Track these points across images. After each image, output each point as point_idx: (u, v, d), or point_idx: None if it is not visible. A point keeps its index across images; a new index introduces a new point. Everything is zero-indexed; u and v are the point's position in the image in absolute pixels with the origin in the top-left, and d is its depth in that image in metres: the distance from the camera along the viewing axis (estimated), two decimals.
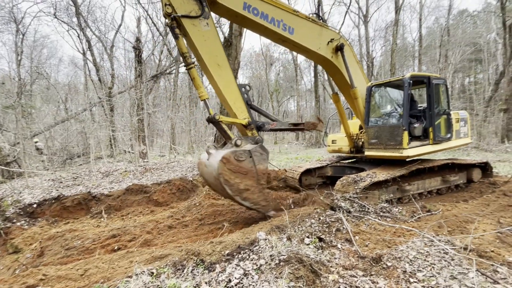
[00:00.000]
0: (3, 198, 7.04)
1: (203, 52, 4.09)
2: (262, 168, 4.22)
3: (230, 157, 3.97)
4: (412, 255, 2.83)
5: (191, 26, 3.97)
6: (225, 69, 4.26)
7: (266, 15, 4.59)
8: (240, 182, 4.07)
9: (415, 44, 29.24)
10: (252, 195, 4.18)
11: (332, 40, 5.38)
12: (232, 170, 3.99)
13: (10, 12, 19.99)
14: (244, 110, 4.49)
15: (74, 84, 29.92)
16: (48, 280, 2.62)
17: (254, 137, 4.47)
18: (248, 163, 4.11)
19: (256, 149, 4.18)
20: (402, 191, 5.53)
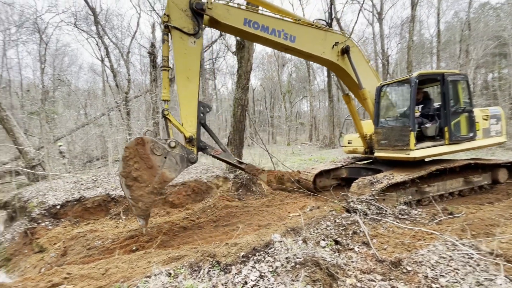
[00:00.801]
0: (29, 199, 7.42)
1: (179, 63, 4.28)
2: (166, 174, 3.99)
3: (147, 142, 3.85)
4: (434, 260, 2.72)
5: (179, 38, 4.21)
6: (192, 84, 4.36)
7: (267, 27, 4.74)
8: (137, 169, 3.83)
9: (433, 40, 28.23)
10: (138, 189, 3.89)
11: (337, 43, 5.39)
12: (139, 154, 3.83)
13: (34, 23, 21.13)
14: (193, 126, 4.44)
15: (93, 90, 31.16)
16: (72, 279, 2.74)
17: (190, 152, 4.34)
18: (158, 161, 3.92)
19: (175, 155, 4.03)
20: (421, 193, 5.34)
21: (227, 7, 4.56)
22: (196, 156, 4.43)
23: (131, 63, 24.18)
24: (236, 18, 4.55)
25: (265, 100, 38.60)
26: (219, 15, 4.45)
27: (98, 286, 2.48)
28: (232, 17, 4.55)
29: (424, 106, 5.92)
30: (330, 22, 20.39)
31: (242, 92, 8.25)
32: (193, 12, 4.25)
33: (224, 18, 4.49)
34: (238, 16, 4.57)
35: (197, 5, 4.20)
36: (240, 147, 8.54)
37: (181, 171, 4.15)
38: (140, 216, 4.02)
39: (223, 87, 36.72)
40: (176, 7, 4.18)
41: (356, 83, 5.65)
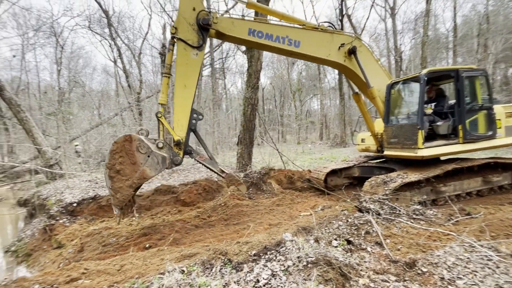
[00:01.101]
0: (48, 197, 7.71)
1: (179, 71, 4.58)
2: (147, 172, 4.19)
3: (135, 140, 4.13)
4: (450, 261, 2.65)
5: (182, 49, 4.53)
6: (188, 92, 4.62)
7: (271, 35, 4.90)
8: (120, 163, 4.10)
9: (449, 34, 27.30)
10: (118, 181, 4.13)
11: (343, 44, 5.35)
12: (125, 150, 4.10)
13: (50, 27, 21.85)
14: (183, 130, 4.64)
15: (106, 91, 31.97)
16: (89, 274, 2.83)
17: (176, 155, 4.57)
18: (141, 158, 4.14)
19: (157, 155, 4.21)
20: (436, 193, 5.19)
21: (231, 19, 4.80)
22: (181, 159, 4.64)
23: (143, 64, 24.65)
24: (240, 29, 4.78)
25: (274, 98, 38.48)
26: (224, 28, 4.70)
27: (114, 281, 2.55)
28: (236, 28, 4.77)
29: (437, 104, 5.75)
30: (341, 19, 20.11)
31: (252, 91, 8.26)
32: (199, 27, 4.52)
33: (229, 30, 4.74)
34: (242, 27, 4.80)
35: (203, 21, 4.47)
36: (250, 146, 8.57)
37: (161, 170, 4.34)
38: (116, 206, 4.28)
39: (233, 86, 36.86)
40: (185, 21, 4.48)
41: (365, 82, 5.60)
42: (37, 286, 2.52)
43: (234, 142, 13.93)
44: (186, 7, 4.50)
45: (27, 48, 23.67)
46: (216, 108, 21.47)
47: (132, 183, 4.16)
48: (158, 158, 4.21)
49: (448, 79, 5.96)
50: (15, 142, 17.16)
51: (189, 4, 4.51)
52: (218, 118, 19.17)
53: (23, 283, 2.58)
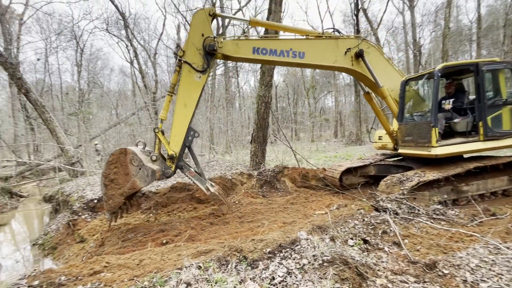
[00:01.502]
0: (71, 194, 8.08)
1: (182, 91, 4.84)
2: (137, 183, 4.53)
3: (129, 154, 4.51)
4: (473, 263, 2.55)
5: (187, 71, 4.80)
6: (188, 110, 4.86)
7: (275, 50, 5.03)
8: (115, 173, 4.50)
9: (472, 26, 25.95)
10: (111, 189, 4.53)
11: (350, 49, 5.32)
12: (119, 162, 4.50)
13: (71, 30, 22.76)
14: (178, 146, 4.87)
15: (123, 91, 32.97)
16: (110, 267, 2.95)
17: (167, 168, 4.86)
18: (133, 170, 4.50)
19: (147, 168, 4.50)
20: (458, 192, 4.99)
21: (236, 41, 4.98)
22: (172, 172, 4.91)
23: (158, 64, 25.20)
24: (245, 49, 4.94)
25: (288, 96, 38.20)
26: (229, 50, 4.90)
27: (134, 275, 2.64)
28: (241, 49, 4.95)
29: (456, 100, 5.50)
30: (356, 14, 19.62)
31: (266, 89, 8.24)
32: (205, 52, 4.79)
33: (234, 52, 4.92)
34: (246, 47, 4.95)
35: (209, 47, 4.73)
36: (263, 144, 8.57)
37: (150, 182, 4.63)
38: (108, 211, 4.65)
39: (246, 85, 36.89)
40: (193, 46, 4.78)
41: (375, 83, 5.53)
42: (63, 277, 2.66)
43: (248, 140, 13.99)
44: (196, 33, 4.78)
45: (50, 51, 24.81)
46: (229, 107, 21.62)
47: (123, 192, 4.52)
48: (148, 171, 4.51)
49: (470, 74, 5.69)
50: (40, 141, 18.07)
51: (199, 30, 4.77)
52: (231, 116, 19.30)
53: (50, 274, 2.73)
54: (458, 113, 5.41)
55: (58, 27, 24.12)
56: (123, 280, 2.52)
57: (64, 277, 2.68)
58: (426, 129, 4.93)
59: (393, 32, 29.52)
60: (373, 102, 6.25)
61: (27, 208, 9.48)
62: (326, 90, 39.16)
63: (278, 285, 2.10)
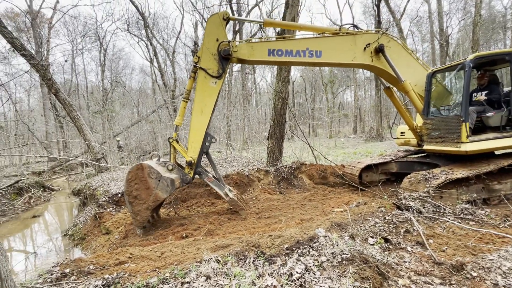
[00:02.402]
0: (97, 188, 8.52)
1: (198, 97, 4.86)
2: (159, 194, 4.61)
3: (146, 168, 4.59)
4: (506, 266, 2.39)
5: (203, 77, 4.81)
6: (204, 116, 4.88)
7: (291, 51, 4.91)
8: (136, 189, 4.59)
9: (506, 12, 24.08)
10: (137, 205, 4.60)
11: (369, 44, 5.08)
12: (138, 177, 4.59)
13: (95, 32, 23.77)
14: (196, 152, 4.90)
15: (144, 90, 34.07)
16: (134, 259, 3.09)
17: (186, 175, 4.88)
18: (153, 183, 4.58)
19: (166, 179, 4.60)
20: (489, 191, 4.69)
21: (250, 44, 4.92)
22: (191, 178, 4.94)
23: (177, 62, 25.72)
24: (260, 52, 4.87)
25: (305, 91, 37.62)
26: (244, 54, 4.85)
27: (156, 266, 2.74)
28: (256, 52, 4.88)
29: (489, 92, 5.14)
30: (377, 4, 18.85)
31: (283, 84, 8.16)
32: (220, 57, 4.76)
33: (249, 55, 4.87)
34: (261, 49, 4.87)
35: (224, 52, 4.70)
36: (280, 141, 8.52)
37: (171, 192, 4.73)
38: (138, 226, 4.72)
39: (262, 81, 36.74)
40: (208, 51, 4.77)
41: (396, 78, 5.29)
42: (91, 266, 2.82)
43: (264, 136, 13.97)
44: (210, 38, 4.77)
45: (76, 53, 26.10)
46: (246, 103, 21.67)
47: (148, 206, 4.63)
48: (167, 181, 4.63)
49: (504, 64, 5.29)
50: (69, 138, 19.16)
51: (214, 35, 4.75)
52: (248, 113, 19.36)
53: (80, 263, 2.90)
54: (491, 106, 5.07)
55: (83, 30, 25.33)
56: (146, 271, 2.63)
57: (92, 266, 2.84)
58: (455, 123, 4.66)
59: (417, 22, 28.07)
60: (394, 97, 5.99)
61: (58, 201, 10.12)
62: (345, 84, 38.13)
63: (296, 282, 2.09)
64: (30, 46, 19.73)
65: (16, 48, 10.39)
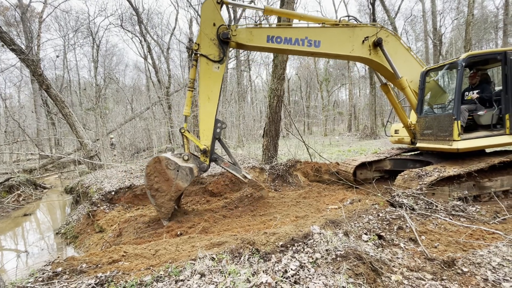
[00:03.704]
0: (90, 186, 8.40)
1: (202, 84, 4.85)
2: (180, 184, 4.65)
3: (163, 160, 4.61)
4: (496, 262, 2.44)
5: (205, 64, 4.79)
6: (212, 103, 4.88)
7: (290, 39, 4.91)
8: (157, 182, 4.62)
9: (498, 12, 24.44)
10: (159, 197, 4.65)
11: (367, 37, 5.11)
12: (158, 170, 4.61)
13: (88, 27, 23.33)
14: (208, 139, 4.95)
15: (138, 86, 33.66)
16: (128, 257, 3.06)
17: (202, 163, 4.96)
18: (172, 173, 4.61)
19: (184, 168, 4.63)
20: (480, 188, 4.78)
21: (250, 29, 4.88)
22: (208, 166, 5.01)
23: (171, 59, 25.45)
24: (259, 37, 4.87)
25: (300, 89, 37.68)
26: (243, 39, 4.82)
27: (150, 264, 2.72)
28: (255, 37, 4.86)
29: (480, 91, 5.23)
30: (372, 2, 18.92)
31: (278, 82, 8.15)
32: (220, 41, 4.73)
33: (248, 40, 4.85)
34: (261, 35, 4.87)
35: (223, 35, 4.68)
36: (275, 138, 8.52)
37: (191, 180, 4.75)
38: (163, 218, 4.77)
39: (258, 78, 36.68)
40: (206, 37, 4.73)
41: (393, 73, 5.32)
42: (84, 265, 2.78)
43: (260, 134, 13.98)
44: (207, 23, 4.72)
45: (68, 48, 25.60)
46: (241, 101, 21.60)
47: (171, 197, 4.67)
48: (186, 170, 4.65)
49: (496, 63, 5.38)
50: (61, 135, 18.85)
51: (210, 20, 4.71)
52: (243, 110, 19.32)
53: (72, 262, 2.86)
54: (482, 105, 5.15)
55: (75, 24, 24.83)
56: (140, 269, 2.61)
57: (85, 264, 2.81)
58: (447, 122, 4.73)
59: (411, 21, 28.31)
60: (391, 94, 6.04)
61: (50, 199, 9.97)
62: (340, 83, 38.30)
63: (290, 278, 2.10)
64: (20, 40, 19.27)
65: (5, 43, 10.13)
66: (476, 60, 5.07)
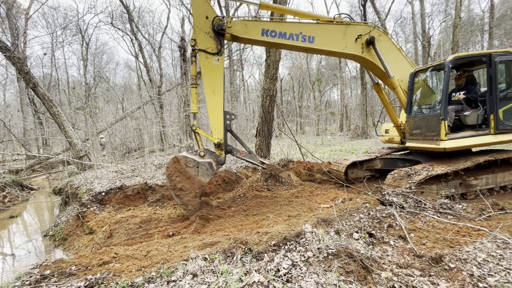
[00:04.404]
0: (79, 187, 8.23)
1: (205, 79, 4.88)
2: (202, 180, 4.74)
3: (181, 159, 4.68)
4: (481, 258, 2.52)
5: (204, 58, 4.80)
6: (217, 96, 4.92)
7: (284, 33, 4.96)
8: (180, 181, 4.70)
9: (484, 15, 25.15)
10: (184, 196, 4.76)
11: (360, 36, 5.21)
12: (178, 170, 4.68)
13: (76, 25, 22.82)
14: (220, 132, 5.02)
15: (129, 85, 33.13)
16: (119, 258, 3.02)
17: (219, 156, 5.05)
18: (193, 171, 4.69)
19: (205, 164, 4.73)
20: (466, 186, 4.92)
21: (245, 22, 4.88)
22: (224, 158, 5.07)
23: (163, 58, 25.16)
24: (254, 30, 4.88)
25: (293, 89, 37.85)
26: (238, 31, 4.83)
27: (142, 266, 2.70)
28: (250, 30, 4.87)
29: (466, 92, 5.39)
30: (363, 4, 19.18)
31: (271, 82, 8.17)
32: (215, 33, 4.73)
33: (243, 33, 4.85)
34: (255, 28, 4.88)
35: (218, 26, 4.68)
36: (268, 138, 8.55)
37: (212, 174, 4.81)
38: (191, 215, 4.86)
39: (251, 78, 36.65)
40: (201, 31, 4.72)
41: (385, 73, 5.43)
42: (73, 267, 2.73)
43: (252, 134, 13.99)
44: (200, 18, 4.70)
45: (56, 46, 24.99)
46: (234, 100, 21.55)
47: (196, 193, 4.78)
48: (206, 166, 4.74)
49: (481, 65, 5.54)
50: (49, 135, 18.39)
51: (202, 14, 4.69)
52: (236, 110, 19.27)
53: (61, 264, 2.81)
54: (468, 105, 5.30)
55: (63, 22, 24.24)
56: (131, 271, 2.58)
57: (74, 267, 2.75)
58: (435, 122, 4.85)
59: (401, 22, 28.84)
60: (382, 94, 6.15)
61: (38, 201, 9.72)
62: (331, 83, 38.67)
63: (283, 277, 2.12)
64: (6, 37, 18.69)
65: None
66: (463, 62, 5.21)
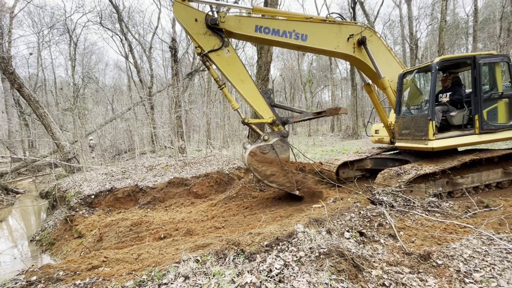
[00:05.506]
0: (67, 190, 8.04)
1: (228, 73, 4.92)
2: (284, 157, 4.92)
3: (256, 151, 4.81)
4: (467, 254, 2.59)
5: (216, 56, 4.83)
6: (248, 83, 4.99)
7: (278, 30, 5.01)
8: (267, 169, 4.86)
9: (468, 19, 25.97)
10: (277, 178, 4.93)
11: (352, 35, 5.31)
12: (259, 161, 4.82)
13: (64, 24, 22.31)
14: (269, 111, 5.11)
15: (119, 86, 32.59)
16: (109, 262, 2.96)
17: (280, 131, 5.11)
18: (271, 154, 4.85)
19: (277, 142, 4.88)
20: (453, 185, 5.05)
21: (238, 17, 4.91)
22: (286, 131, 5.20)
23: (153, 59, 24.87)
24: (247, 26, 4.90)
25: (285, 90, 38.07)
26: (231, 26, 4.85)
27: (132, 269, 2.66)
28: (244, 26, 4.89)
29: (452, 93, 5.55)
30: (353, 6, 19.48)
31: (262, 83, 8.18)
32: (212, 29, 4.74)
33: (236, 28, 4.87)
34: (249, 24, 4.91)
35: (211, 21, 4.67)
36: None
37: (289, 147, 5.04)
38: (292, 190, 5.12)
39: None
40: (199, 35, 4.75)
41: (376, 73, 5.53)
42: (61, 273, 2.66)
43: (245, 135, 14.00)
44: (190, 23, 4.68)
45: (42, 45, 24.35)
46: (226, 102, 21.48)
47: (285, 172, 4.97)
48: (279, 143, 4.92)
49: (466, 67, 5.72)
50: (35, 137, 17.88)
51: (190, 18, 4.67)
52: (228, 111, 19.22)
53: (48, 270, 2.73)
54: (454, 106, 5.45)
55: (50, 21, 23.65)
56: (122, 274, 2.54)
57: (62, 272, 2.69)
58: (423, 122, 4.96)
59: (390, 25, 29.45)
60: (373, 94, 6.24)
61: (24, 205, 9.43)
62: (323, 84, 39.08)
63: (275, 277, 2.12)
64: None
65: None
66: (449, 64, 5.36)
